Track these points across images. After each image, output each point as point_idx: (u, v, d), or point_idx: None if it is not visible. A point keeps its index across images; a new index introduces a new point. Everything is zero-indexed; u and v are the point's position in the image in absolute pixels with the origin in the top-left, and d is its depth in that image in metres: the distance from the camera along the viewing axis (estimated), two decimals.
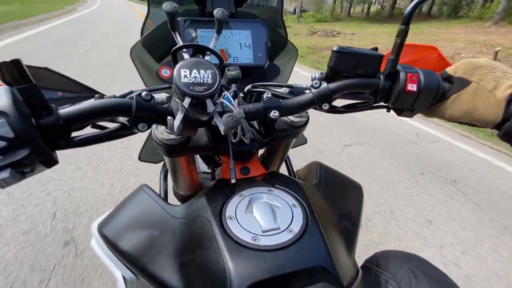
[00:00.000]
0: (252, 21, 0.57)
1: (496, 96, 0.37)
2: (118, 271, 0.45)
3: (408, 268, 0.46)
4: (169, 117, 0.33)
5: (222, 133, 0.33)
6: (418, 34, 9.81)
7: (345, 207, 0.48)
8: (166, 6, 0.34)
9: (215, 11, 0.38)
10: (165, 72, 0.57)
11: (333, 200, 0.48)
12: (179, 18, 0.51)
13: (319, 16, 19.28)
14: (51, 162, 0.30)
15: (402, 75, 0.39)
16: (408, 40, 0.40)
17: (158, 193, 0.46)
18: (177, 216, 0.41)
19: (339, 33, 10.95)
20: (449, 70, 0.42)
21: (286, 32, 0.69)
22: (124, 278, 0.50)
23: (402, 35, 0.38)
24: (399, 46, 0.39)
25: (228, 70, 0.43)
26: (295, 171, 0.70)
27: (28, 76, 0.27)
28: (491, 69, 0.38)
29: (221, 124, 0.33)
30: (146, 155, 0.76)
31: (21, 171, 0.28)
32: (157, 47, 0.59)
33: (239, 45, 0.55)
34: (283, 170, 0.67)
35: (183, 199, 0.62)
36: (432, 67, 0.44)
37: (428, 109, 0.43)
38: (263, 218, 0.37)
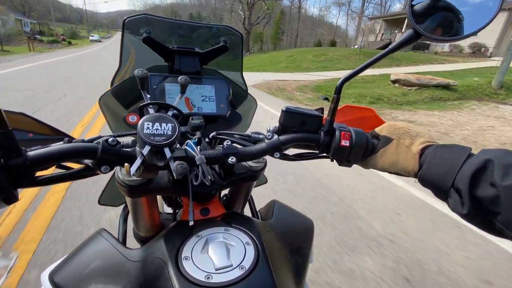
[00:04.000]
0: (215, 78, 0.65)
1: (412, 150, 0.45)
2: None
3: None
4: (126, 164, 0.36)
5: (175, 177, 0.37)
6: None
7: (296, 243, 0.52)
8: (138, 72, 0.40)
9: (179, 78, 0.44)
10: (132, 119, 0.61)
11: (286, 236, 0.52)
12: (149, 73, 0.58)
13: None
14: (11, 199, 0.32)
15: (337, 133, 0.48)
16: None
17: (117, 235, 0.47)
18: (134, 259, 0.42)
19: None
20: (377, 130, 0.51)
21: (246, 86, 0.79)
22: None
23: (335, 102, 0.47)
24: (333, 110, 0.48)
25: (193, 119, 0.49)
26: (257, 210, 0.74)
27: (6, 123, 0.30)
28: (407, 130, 0.48)
29: (173, 170, 0.37)
30: (106, 199, 0.76)
31: None
32: (125, 96, 0.64)
33: (204, 97, 0.63)
34: (247, 209, 0.70)
35: (143, 240, 0.62)
36: (371, 125, 0.53)
37: (363, 161, 0.50)
38: (217, 256, 0.40)
